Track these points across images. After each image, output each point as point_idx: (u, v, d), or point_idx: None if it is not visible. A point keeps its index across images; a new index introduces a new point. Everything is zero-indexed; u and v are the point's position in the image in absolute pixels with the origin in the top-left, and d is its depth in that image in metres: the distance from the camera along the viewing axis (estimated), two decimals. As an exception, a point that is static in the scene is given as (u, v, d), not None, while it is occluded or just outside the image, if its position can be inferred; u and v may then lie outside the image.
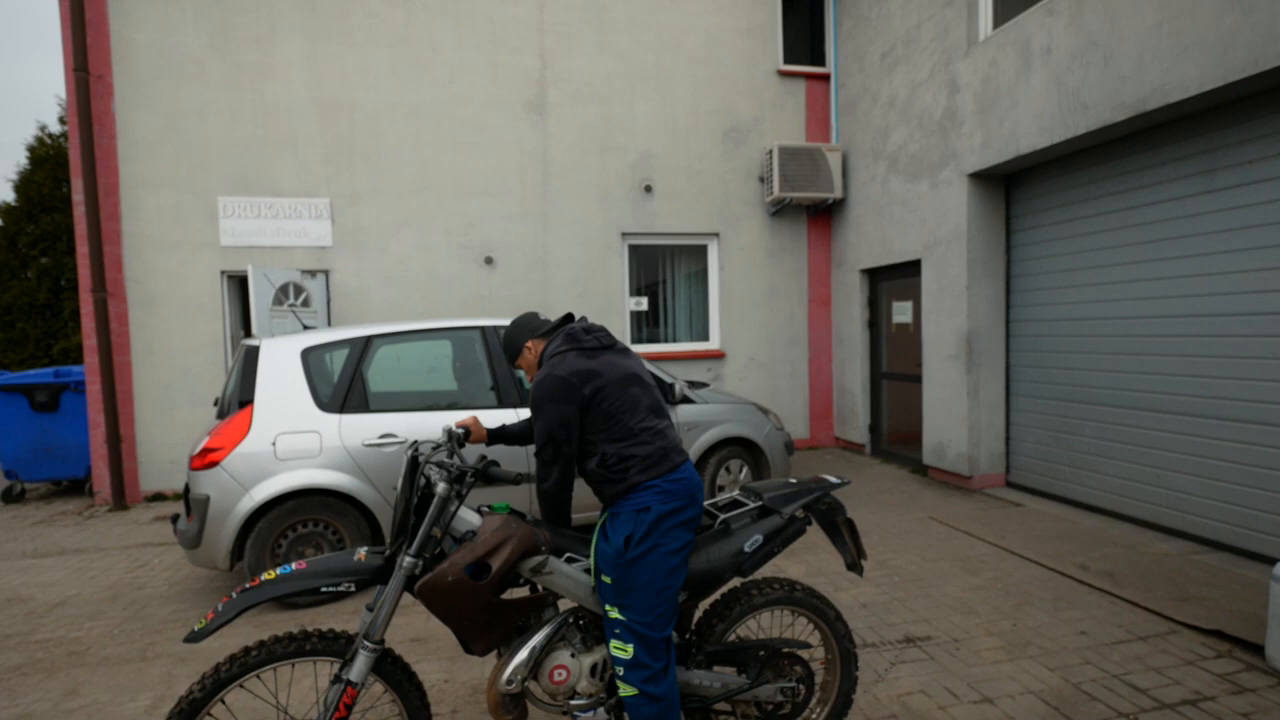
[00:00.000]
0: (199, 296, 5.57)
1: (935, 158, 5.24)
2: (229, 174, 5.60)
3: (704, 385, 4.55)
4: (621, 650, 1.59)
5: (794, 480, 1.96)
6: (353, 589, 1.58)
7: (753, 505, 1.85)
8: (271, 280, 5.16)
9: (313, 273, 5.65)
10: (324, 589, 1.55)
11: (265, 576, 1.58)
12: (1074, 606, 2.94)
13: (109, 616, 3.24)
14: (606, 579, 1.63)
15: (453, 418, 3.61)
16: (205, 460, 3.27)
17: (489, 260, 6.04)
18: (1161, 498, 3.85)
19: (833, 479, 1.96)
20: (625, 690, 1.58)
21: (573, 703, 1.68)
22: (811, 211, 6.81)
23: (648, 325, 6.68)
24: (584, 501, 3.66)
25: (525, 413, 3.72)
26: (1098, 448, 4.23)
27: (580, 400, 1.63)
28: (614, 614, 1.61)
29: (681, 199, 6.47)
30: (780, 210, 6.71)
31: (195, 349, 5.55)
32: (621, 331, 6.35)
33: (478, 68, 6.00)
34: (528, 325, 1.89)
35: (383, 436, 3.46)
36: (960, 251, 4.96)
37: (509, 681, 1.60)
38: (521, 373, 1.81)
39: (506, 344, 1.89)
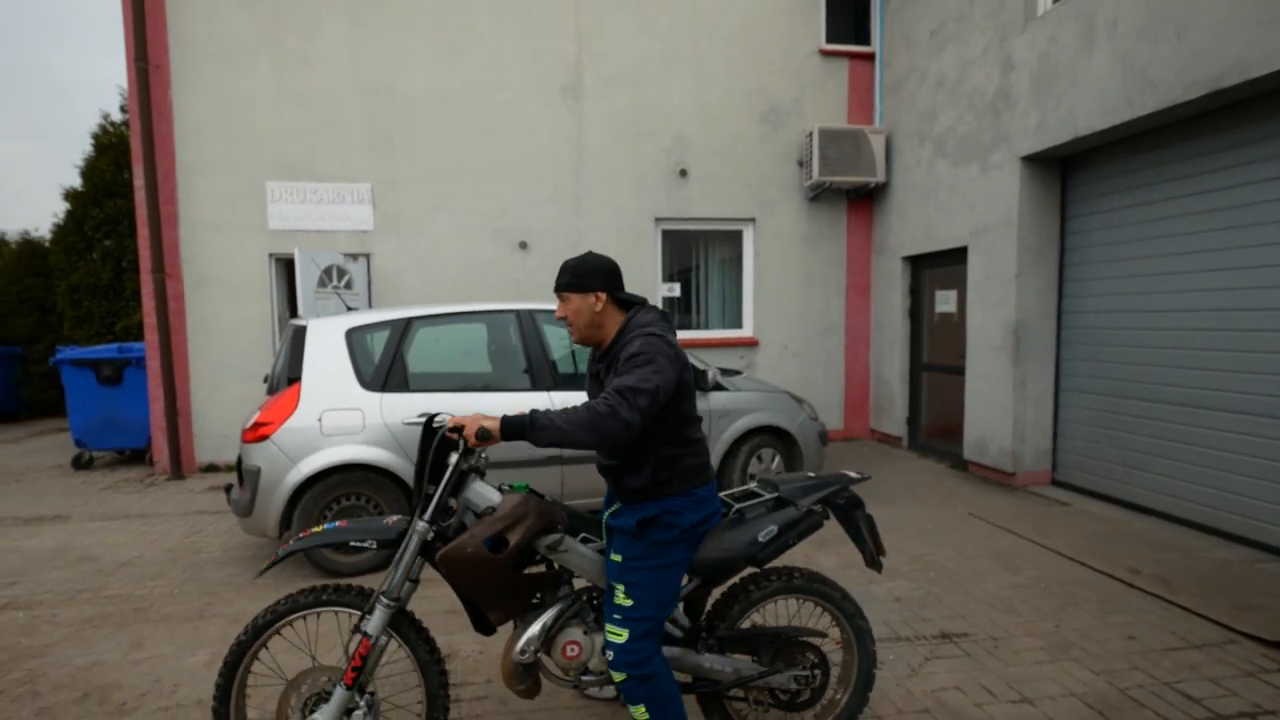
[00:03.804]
0: (248, 278, 5.80)
1: (986, 140, 5.02)
2: (276, 159, 5.78)
3: (737, 373, 4.51)
4: (616, 635, 1.61)
5: (812, 474, 1.95)
6: (374, 546, 1.71)
7: (769, 496, 1.85)
8: (317, 263, 5.34)
9: (355, 256, 5.81)
10: (352, 543, 1.70)
11: (315, 529, 1.78)
12: (1122, 610, 2.82)
13: (170, 577, 3.45)
14: (617, 557, 1.65)
15: (486, 400, 3.68)
16: (256, 434, 3.43)
17: (523, 245, 6.09)
18: (1223, 501, 3.65)
19: (853, 474, 1.94)
20: (617, 676, 1.61)
21: (584, 678, 1.74)
22: (852, 196, 6.63)
23: (680, 312, 6.65)
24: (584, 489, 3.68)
25: (559, 397, 3.76)
26: (1154, 447, 4.03)
27: (680, 378, 1.59)
28: (619, 597, 1.62)
29: (716, 183, 6.38)
30: (819, 195, 6.56)
31: (245, 328, 5.79)
32: (654, 318, 6.32)
33: (514, 52, 6.01)
34: (612, 271, 1.69)
35: (421, 415, 3.55)
36: (1010, 238, 4.76)
37: (522, 652, 1.66)
38: (562, 323, 1.72)
39: (577, 271, 1.67)
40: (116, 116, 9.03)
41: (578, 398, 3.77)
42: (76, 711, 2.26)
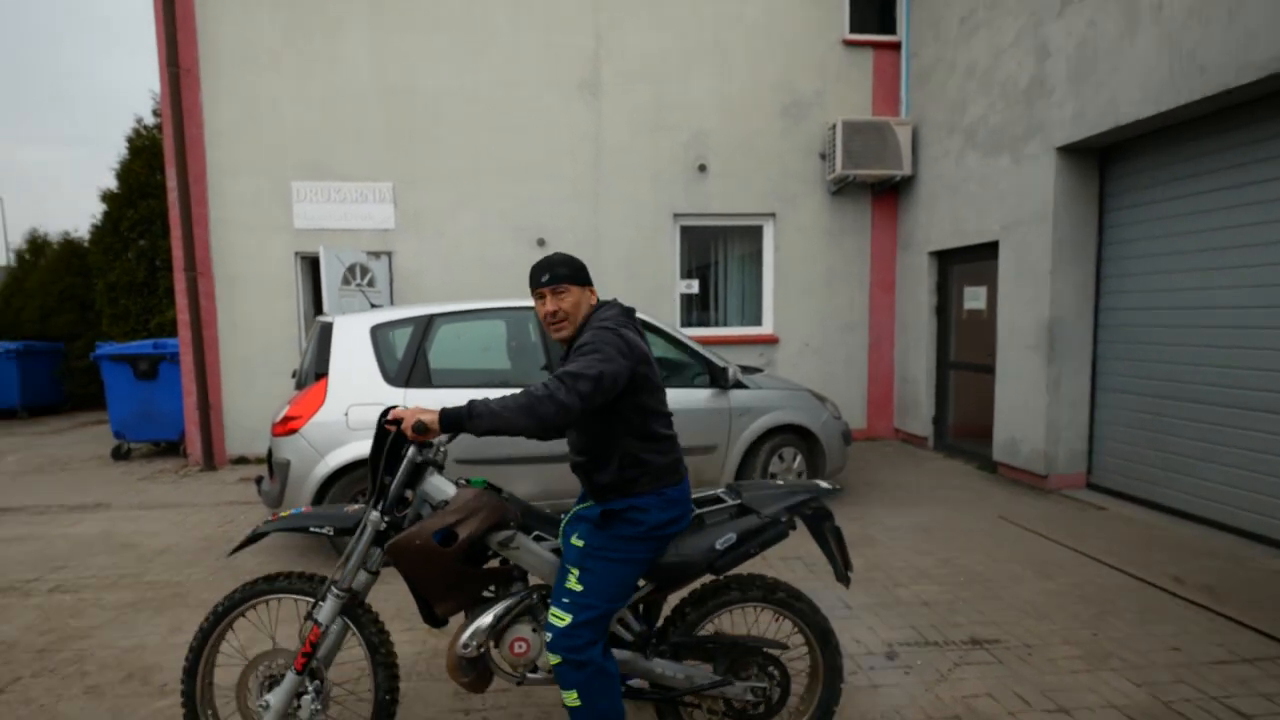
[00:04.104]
0: (276, 276, 5.91)
1: (1019, 130, 4.86)
2: (301, 159, 5.87)
3: (757, 370, 4.45)
4: (559, 618, 1.60)
5: (782, 483, 1.91)
6: (331, 533, 1.74)
7: (731, 503, 1.81)
8: (341, 260, 5.41)
9: (377, 254, 5.88)
10: (311, 529, 1.74)
11: (281, 514, 1.82)
12: (1165, 620, 2.71)
13: (204, 565, 3.54)
14: (578, 542, 1.64)
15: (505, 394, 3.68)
16: (286, 428, 3.49)
17: (541, 242, 6.10)
18: (1273, 507, 3.48)
19: (824, 484, 1.88)
20: (553, 658, 1.60)
21: (530, 675, 1.75)
22: (877, 190, 6.49)
23: (698, 309, 6.60)
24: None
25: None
26: (1198, 450, 3.86)
27: (634, 371, 1.58)
28: (570, 581, 1.61)
29: (736, 178, 6.31)
30: (842, 189, 6.43)
31: (273, 325, 5.91)
32: (671, 315, 6.29)
33: (532, 49, 6.01)
34: (585, 268, 1.76)
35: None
36: (1044, 232, 4.60)
37: (465, 645, 1.67)
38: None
39: (579, 265, 1.72)
40: (149, 120, 9.27)
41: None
42: (122, 691, 2.34)
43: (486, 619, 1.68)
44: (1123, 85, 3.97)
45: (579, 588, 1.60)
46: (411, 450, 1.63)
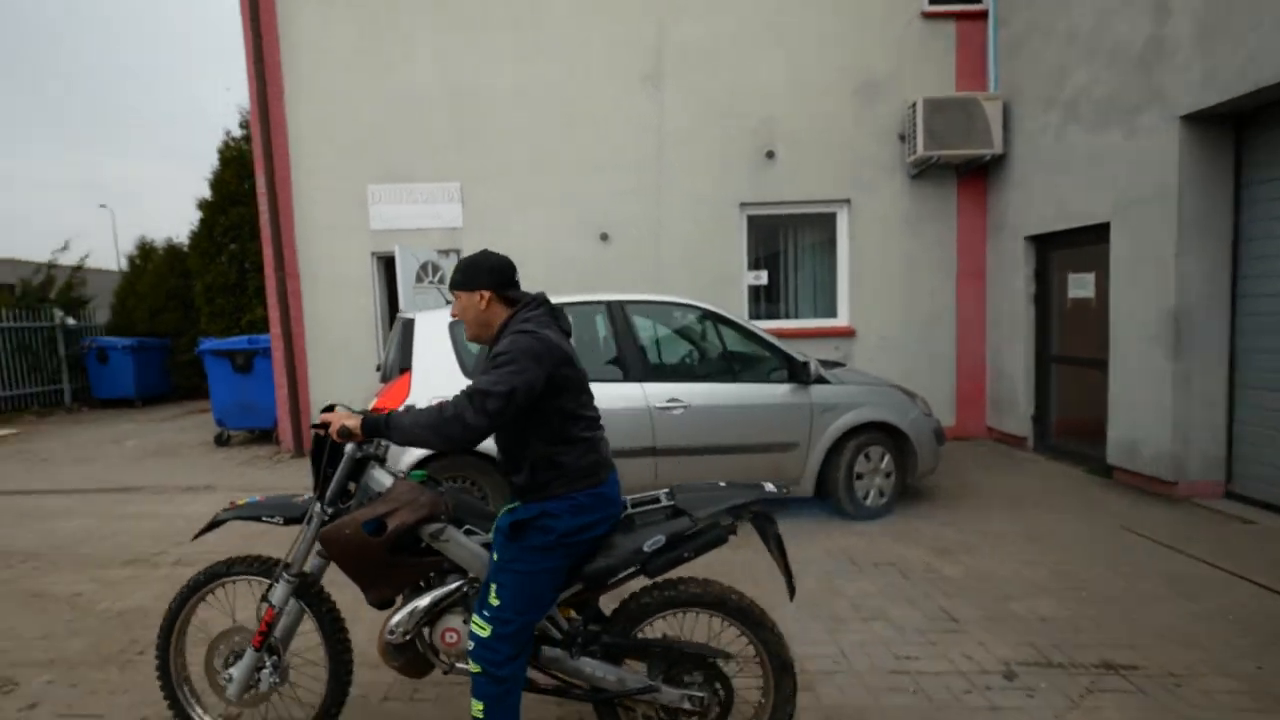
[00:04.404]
0: (354, 275, 6.16)
1: (1132, 100, 4.38)
2: (376, 162, 6.09)
3: (839, 365, 4.22)
4: (480, 628, 1.60)
5: (724, 484, 1.82)
6: (280, 523, 1.86)
7: (665, 504, 1.76)
8: (415, 259, 5.57)
9: (446, 252, 6.02)
10: (263, 518, 1.86)
11: (238, 501, 1.95)
12: (1345, 653, 2.33)
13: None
14: (495, 556, 1.64)
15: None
16: (369, 421, 3.60)
17: (604, 236, 6.06)
18: None
19: (769, 486, 1.77)
20: (473, 666, 1.60)
21: (459, 665, 1.75)
22: (962, 171, 6.07)
23: (766, 300, 6.38)
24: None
25: (652, 389, 3.67)
26: (1368, 455, 3.34)
27: (552, 375, 1.55)
28: (490, 595, 1.60)
29: (807, 164, 6.05)
30: (924, 171, 6.05)
31: (353, 321, 6.17)
32: (739, 307, 6.10)
33: (593, 43, 5.98)
34: (500, 270, 1.69)
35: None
36: (1167, 212, 4.13)
37: (391, 631, 1.72)
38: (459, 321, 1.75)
39: (464, 269, 1.69)
40: (237, 133, 9.91)
41: (673, 390, 3.67)
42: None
43: (408, 609, 1.72)
44: (1265, 42, 3.48)
45: (496, 601, 1.59)
46: (350, 447, 1.73)
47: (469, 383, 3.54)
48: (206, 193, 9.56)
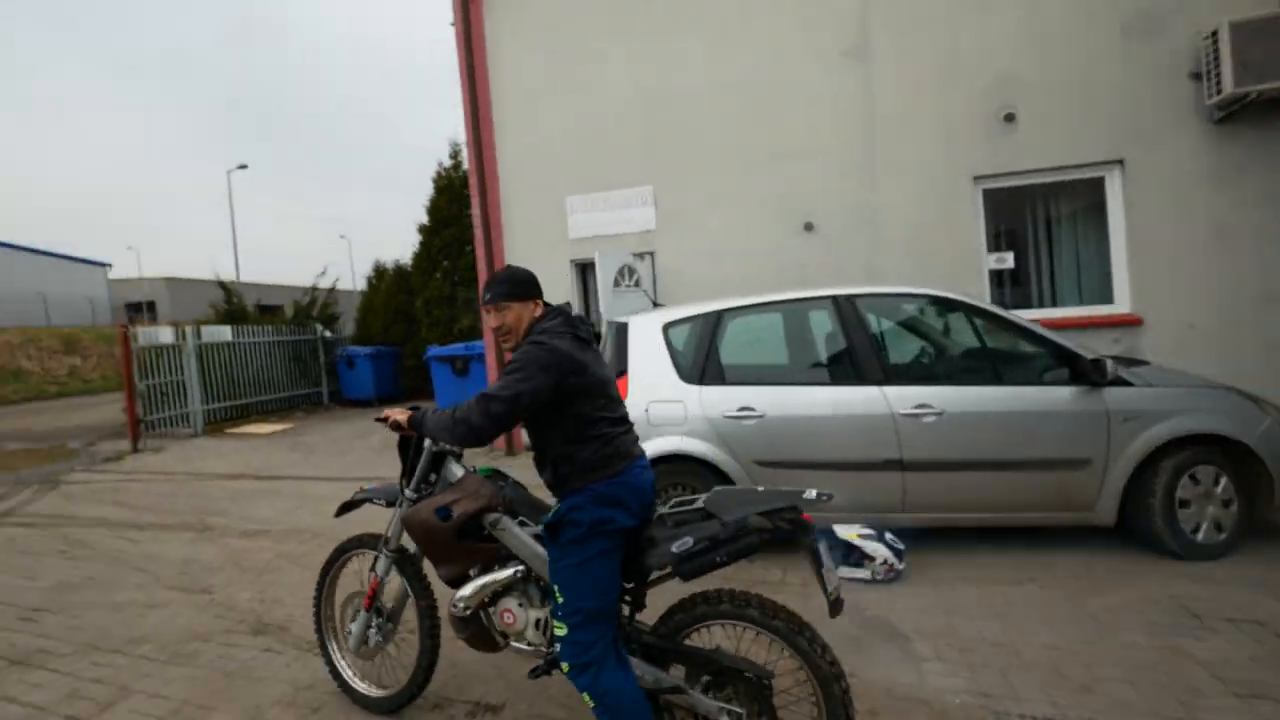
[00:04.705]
0: (555, 282, 6.67)
1: None
2: (572, 175, 6.54)
3: (1144, 363, 3.48)
4: (559, 628, 1.74)
5: (762, 488, 1.88)
6: (384, 505, 2.25)
7: (697, 506, 1.81)
8: (612, 263, 5.85)
9: (641, 255, 6.23)
10: (372, 501, 2.32)
11: (364, 488, 2.39)
12: None
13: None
14: (549, 559, 1.80)
15: (806, 394, 3.49)
16: (592, 423, 3.80)
17: (808, 227, 5.78)
18: None
19: (810, 492, 1.72)
20: (564, 666, 1.72)
21: (513, 644, 2.00)
22: (1297, 106, 4.69)
23: (1012, 286, 5.56)
24: (927, 500, 3.12)
25: (893, 392, 3.36)
26: None
27: (560, 384, 1.69)
28: (556, 594, 1.75)
29: (1058, 124, 5.16)
30: (1233, 114, 4.79)
31: (556, 328, 6.67)
32: (980, 294, 5.38)
33: (786, 26, 5.78)
34: (533, 282, 1.88)
35: (741, 410, 3.52)
36: None
37: (454, 605, 1.96)
38: (496, 323, 1.85)
39: (518, 281, 1.85)
40: (448, 163, 11.41)
41: (921, 394, 3.32)
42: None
43: (471, 586, 1.95)
44: None
45: (560, 599, 1.74)
46: (428, 442, 2.06)
47: (686, 387, 3.64)
48: (424, 218, 11.17)
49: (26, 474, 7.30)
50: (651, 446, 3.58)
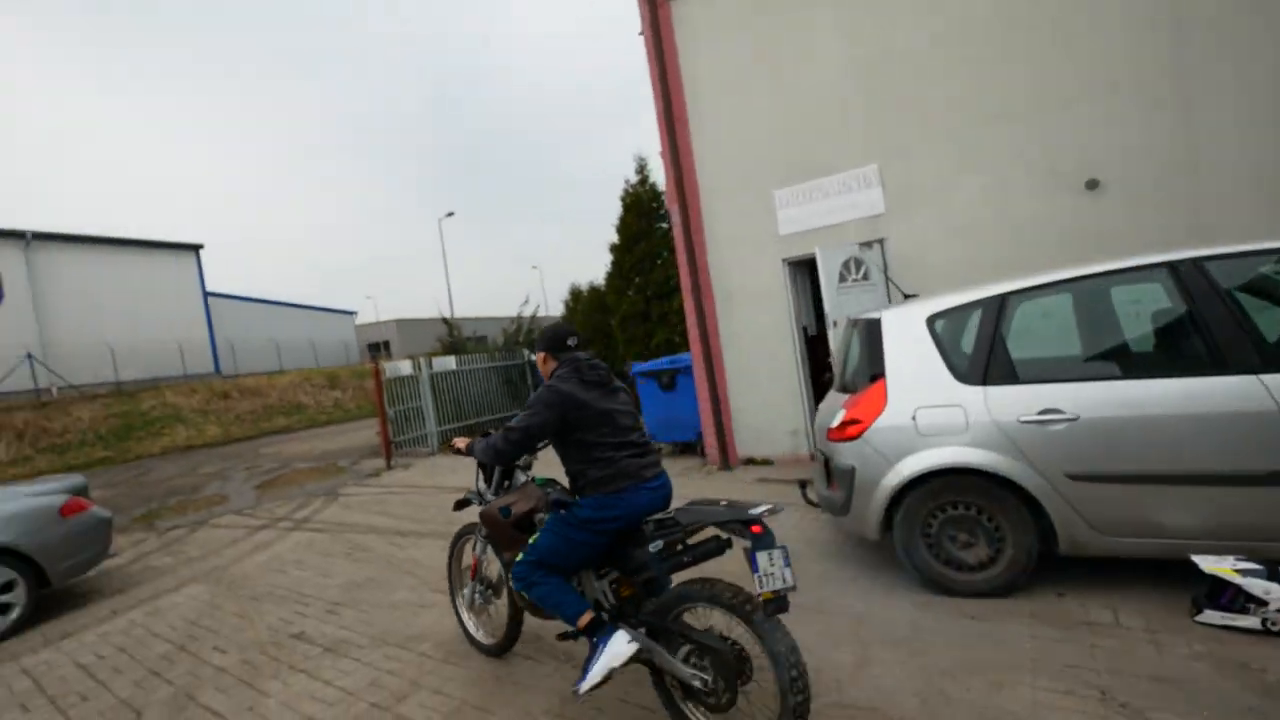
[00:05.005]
0: (767, 285, 6.55)
1: None
2: (779, 167, 6.37)
3: None
4: (519, 556, 2.54)
5: (723, 502, 2.27)
6: (478, 503, 3.08)
7: (669, 515, 2.36)
8: (835, 258, 5.53)
9: (869, 243, 5.81)
10: (471, 502, 3.19)
11: (466, 492, 3.28)
12: None
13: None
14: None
15: (1142, 389, 2.87)
16: (845, 433, 3.55)
17: (1092, 184, 4.87)
18: None
19: (761, 506, 2.15)
20: (510, 580, 2.72)
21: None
22: None
23: None
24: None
25: (1275, 380, 2.61)
26: None
27: (564, 417, 2.41)
28: (532, 540, 2.54)
29: None
30: None
31: (769, 332, 6.56)
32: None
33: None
34: (549, 337, 2.66)
35: (1044, 413, 3.01)
36: None
37: (511, 583, 2.73)
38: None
39: (545, 337, 2.67)
40: (634, 179, 12.00)
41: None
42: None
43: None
44: None
45: (532, 542, 2.52)
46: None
47: (965, 389, 3.21)
48: (613, 237, 11.88)
49: (313, 487, 9.15)
50: (920, 460, 3.23)
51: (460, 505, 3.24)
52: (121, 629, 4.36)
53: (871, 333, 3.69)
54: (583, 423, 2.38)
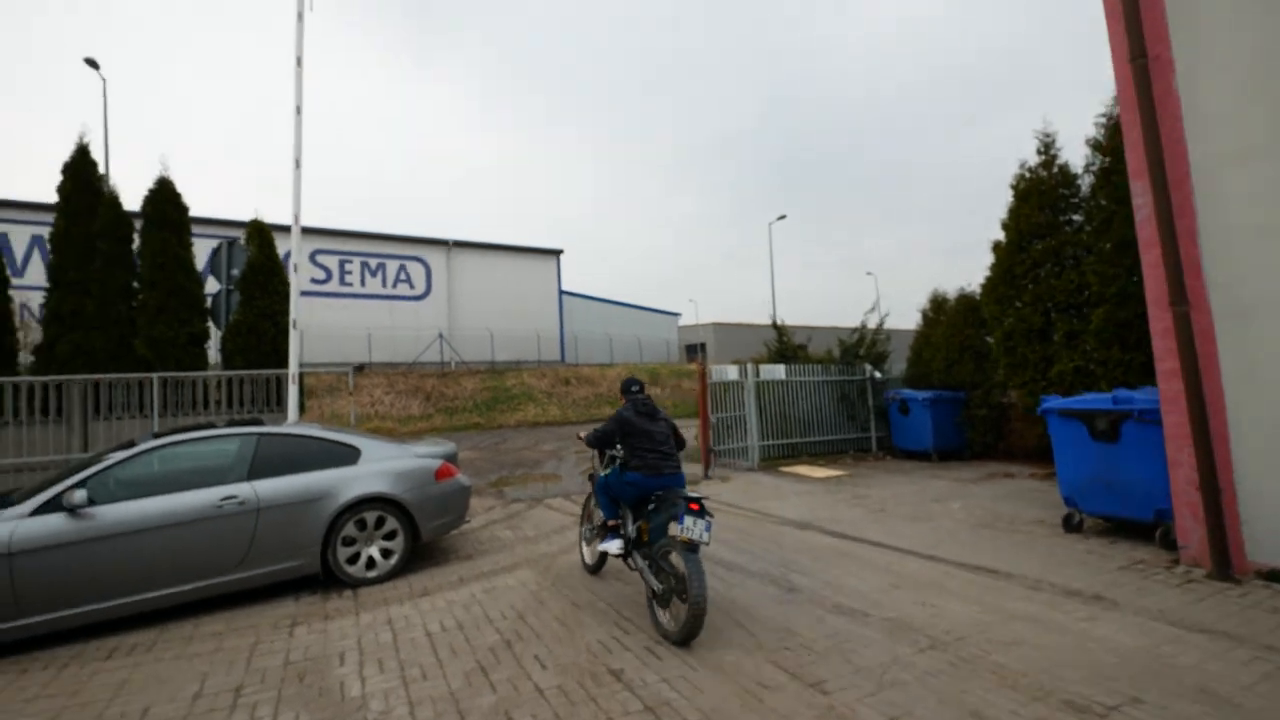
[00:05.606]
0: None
1: None
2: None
3: None
4: (596, 476, 5.25)
5: (687, 492, 4.36)
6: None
7: (665, 493, 4.43)
8: None
9: None
10: (594, 478, 5.49)
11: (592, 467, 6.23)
12: None
13: None
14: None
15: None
16: None
17: None
18: None
19: (691, 493, 4.23)
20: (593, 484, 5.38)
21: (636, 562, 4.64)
22: None
23: None
24: None
25: None
26: None
27: (621, 431, 4.65)
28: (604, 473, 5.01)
29: None
30: None
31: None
32: None
33: None
34: (626, 386, 4.97)
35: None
36: None
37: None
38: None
39: (624, 385, 5.00)
40: (1032, 161, 9.63)
41: None
42: None
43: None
44: None
45: (604, 474, 5.00)
46: (608, 454, 5.05)
47: None
48: (985, 240, 9.72)
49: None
50: None
51: (592, 479, 5.35)
52: (464, 602, 4.82)
53: None
54: (632, 435, 4.60)
